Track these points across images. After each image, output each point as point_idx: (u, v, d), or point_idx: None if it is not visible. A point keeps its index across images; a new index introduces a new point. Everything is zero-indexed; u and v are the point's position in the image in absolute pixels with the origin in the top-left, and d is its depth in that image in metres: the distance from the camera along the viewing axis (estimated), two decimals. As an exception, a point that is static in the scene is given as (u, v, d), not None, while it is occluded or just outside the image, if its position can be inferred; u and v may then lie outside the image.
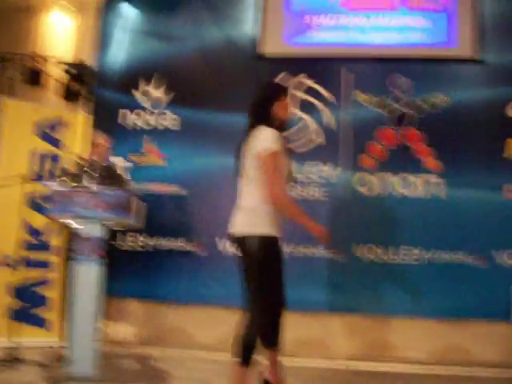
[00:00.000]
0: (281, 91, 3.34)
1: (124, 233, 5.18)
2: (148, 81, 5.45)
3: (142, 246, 5.25)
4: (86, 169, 4.50)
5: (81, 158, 4.64)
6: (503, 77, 5.04)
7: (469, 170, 4.92)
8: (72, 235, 4.28)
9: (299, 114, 5.17)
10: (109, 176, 4.50)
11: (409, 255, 4.90)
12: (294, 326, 4.75)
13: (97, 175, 4.45)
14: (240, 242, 3.13)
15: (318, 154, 5.11)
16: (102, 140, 4.72)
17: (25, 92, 5.83)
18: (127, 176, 4.32)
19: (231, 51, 5.38)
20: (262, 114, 3.26)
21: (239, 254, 3.16)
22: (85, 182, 4.29)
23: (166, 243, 5.22)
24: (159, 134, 5.38)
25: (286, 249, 4.64)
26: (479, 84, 5.07)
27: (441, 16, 5.18)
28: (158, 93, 5.43)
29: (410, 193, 4.98)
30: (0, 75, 5.86)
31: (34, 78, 5.76)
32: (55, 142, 5.31)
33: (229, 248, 4.99)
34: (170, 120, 5.39)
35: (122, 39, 5.57)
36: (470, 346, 4.82)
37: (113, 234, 5.08)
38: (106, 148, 4.72)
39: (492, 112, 5.00)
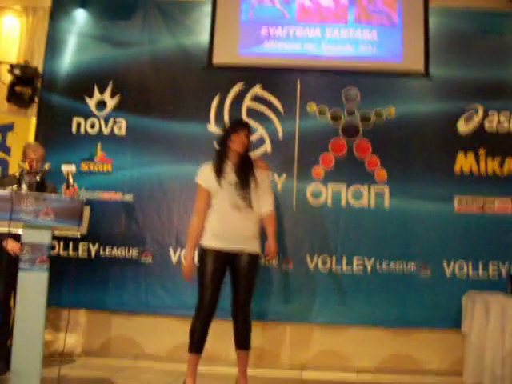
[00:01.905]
0: (235, 128, 3.99)
1: (70, 240, 5.08)
2: (98, 86, 5.36)
3: (88, 254, 5.14)
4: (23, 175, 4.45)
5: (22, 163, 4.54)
6: (452, 91, 5.17)
7: (419, 182, 5.03)
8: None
9: (254, 125, 5.17)
10: (37, 186, 4.44)
11: (358, 265, 4.94)
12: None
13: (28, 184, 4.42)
14: None
15: (271, 164, 5.10)
16: (31, 153, 4.61)
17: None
18: (74, 183, 4.23)
19: (185, 60, 5.34)
20: (220, 148, 4.02)
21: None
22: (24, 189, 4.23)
23: (113, 251, 5.13)
24: (108, 141, 5.29)
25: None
26: (429, 98, 5.19)
27: (391, 30, 5.28)
28: (107, 99, 5.34)
29: (360, 203, 5.04)
30: None
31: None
32: (4, 148, 5.20)
33: (179, 257, 4.99)
34: (119, 127, 5.31)
35: (74, 43, 5.47)
36: (418, 355, 4.90)
37: (59, 241, 5.02)
38: (35, 159, 4.61)
39: (442, 126, 5.13)
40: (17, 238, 4.34)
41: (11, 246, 4.37)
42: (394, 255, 4.95)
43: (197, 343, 3.84)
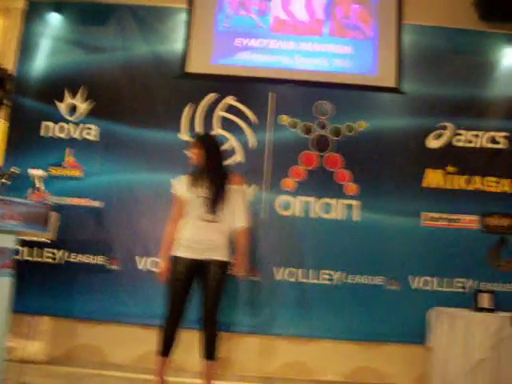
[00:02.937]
0: (191, 144, 4.23)
1: (35, 245, 5.00)
2: (70, 91, 5.31)
3: (54, 260, 5.08)
4: None
5: None
6: (423, 107, 5.24)
7: (388, 196, 5.08)
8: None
9: (225, 134, 5.18)
10: None
11: (326, 278, 4.96)
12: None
13: None
14: None
15: (242, 175, 5.10)
16: None
17: None
18: (41, 187, 4.20)
19: (158, 67, 5.32)
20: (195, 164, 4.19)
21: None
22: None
23: (80, 258, 5.07)
24: (78, 146, 5.24)
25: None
26: (400, 113, 5.25)
27: (365, 44, 5.34)
28: (79, 103, 5.29)
29: (329, 216, 5.06)
30: None
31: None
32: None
33: (147, 266, 4.97)
34: (89, 132, 5.26)
35: (46, 47, 5.42)
36: (384, 369, 4.93)
37: (23, 245, 4.95)
38: None
39: (412, 141, 5.19)
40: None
41: None
42: (361, 268, 4.98)
43: (164, 347, 3.98)
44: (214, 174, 4.09)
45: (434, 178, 5.12)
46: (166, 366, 4.01)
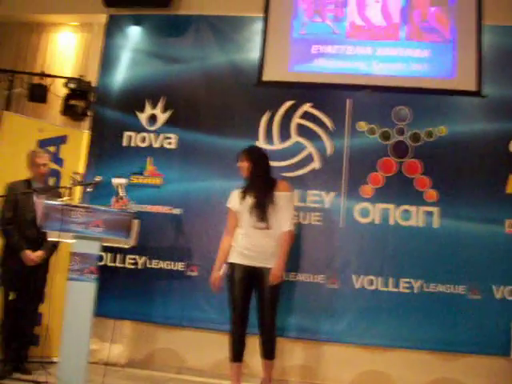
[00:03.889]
0: (237, 159, 4.43)
1: (118, 252, 5.16)
2: (150, 101, 5.46)
3: (136, 266, 5.21)
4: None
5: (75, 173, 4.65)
6: (505, 111, 5.04)
7: (469, 203, 4.90)
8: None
9: (302, 141, 5.19)
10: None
11: (405, 286, 4.85)
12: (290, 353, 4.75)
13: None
14: None
15: (320, 182, 5.12)
16: (39, 159, 4.73)
17: (30, 109, 5.90)
18: (124, 196, 4.31)
19: (235, 76, 5.39)
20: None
21: None
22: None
23: (160, 264, 5.18)
24: (158, 155, 5.37)
25: (287, 277, 4.69)
26: (482, 117, 5.07)
27: (443, 47, 5.21)
28: (158, 114, 5.43)
29: (408, 223, 4.95)
30: (5, 91, 5.93)
31: (40, 94, 5.83)
32: (57, 159, 5.31)
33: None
34: (170, 141, 5.38)
35: (127, 59, 5.61)
36: (464, 380, 4.74)
37: (105, 252, 5.09)
38: (42, 165, 4.74)
39: (494, 146, 4.98)
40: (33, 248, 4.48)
41: (29, 257, 4.49)
42: (442, 277, 4.84)
43: (235, 353, 4.15)
44: (260, 183, 4.28)
45: (518, 183, 4.94)
46: (239, 371, 4.17)
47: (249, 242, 4.18)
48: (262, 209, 4.17)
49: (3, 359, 4.47)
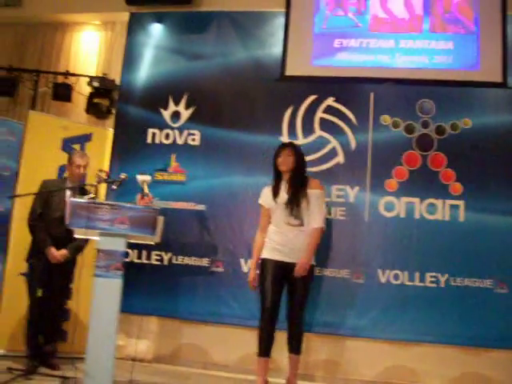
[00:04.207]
0: (276, 152, 4.40)
1: (143, 248, 5.19)
2: (173, 98, 5.48)
3: (161, 262, 5.23)
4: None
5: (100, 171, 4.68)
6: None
7: (496, 196, 4.84)
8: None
9: (325, 136, 5.17)
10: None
11: (432, 280, 4.81)
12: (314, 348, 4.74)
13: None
14: None
15: (344, 177, 5.10)
16: (79, 159, 4.78)
17: (54, 107, 5.98)
18: (149, 192, 4.34)
19: (257, 71, 5.39)
20: (275, 171, 4.42)
21: None
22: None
23: (185, 260, 5.21)
24: (181, 151, 5.39)
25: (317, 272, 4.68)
26: (507, 109, 4.99)
27: (467, 39, 5.15)
28: (182, 110, 5.45)
29: (434, 217, 4.91)
30: (31, 91, 6.01)
31: (64, 93, 5.89)
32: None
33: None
34: (194, 138, 5.40)
35: (149, 56, 5.63)
36: (490, 375, 4.68)
37: (131, 248, 5.13)
38: (83, 166, 4.79)
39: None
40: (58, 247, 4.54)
41: (52, 254, 4.54)
42: (468, 271, 4.78)
43: (264, 347, 4.15)
44: (297, 179, 4.32)
45: (545, 175, 4.85)
46: (266, 366, 4.16)
47: (282, 239, 4.22)
48: (296, 206, 4.22)
49: (30, 355, 4.52)
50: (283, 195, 4.28)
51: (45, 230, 4.58)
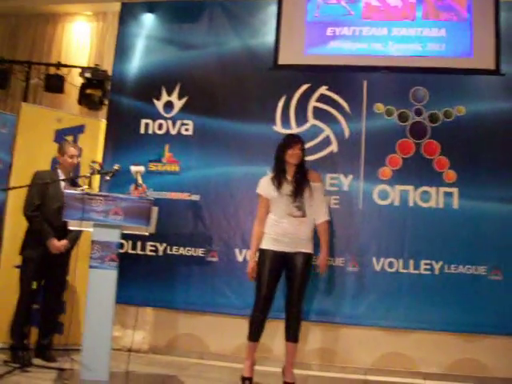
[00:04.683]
0: (290, 143, 4.34)
1: (138, 239, 5.18)
2: (165, 88, 5.46)
3: (156, 253, 5.23)
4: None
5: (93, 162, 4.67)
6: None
7: (489, 183, 4.84)
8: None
9: (319, 125, 5.16)
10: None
11: (426, 267, 4.83)
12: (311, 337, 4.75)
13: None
14: None
15: (338, 165, 5.09)
16: (72, 149, 4.78)
17: (46, 99, 5.95)
18: (142, 183, 4.34)
19: (250, 60, 5.36)
20: (277, 162, 4.38)
21: None
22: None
23: (180, 251, 5.20)
24: (175, 142, 5.37)
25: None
26: (500, 96, 4.99)
27: (460, 26, 5.13)
28: (175, 101, 5.43)
29: (428, 204, 4.92)
30: (23, 82, 5.98)
31: (56, 85, 5.86)
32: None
33: (246, 258, 4.98)
34: (186, 128, 5.38)
35: (142, 47, 5.59)
36: (486, 361, 4.71)
37: (126, 239, 5.13)
38: (76, 156, 4.79)
39: (512, 125, 4.92)
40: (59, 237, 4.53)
41: (55, 245, 4.52)
42: (462, 258, 4.80)
43: (254, 333, 4.24)
44: (302, 172, 4.36)
45: (539, 162, 4.85)
46: (255, 349, 4.29)
47: (283, 229, 4.25)
48: (300, 197, 4.27)
49: (22, 347, 4.50)
50: (287, 186, 4.29)
51: (45, 221, 4.57)
